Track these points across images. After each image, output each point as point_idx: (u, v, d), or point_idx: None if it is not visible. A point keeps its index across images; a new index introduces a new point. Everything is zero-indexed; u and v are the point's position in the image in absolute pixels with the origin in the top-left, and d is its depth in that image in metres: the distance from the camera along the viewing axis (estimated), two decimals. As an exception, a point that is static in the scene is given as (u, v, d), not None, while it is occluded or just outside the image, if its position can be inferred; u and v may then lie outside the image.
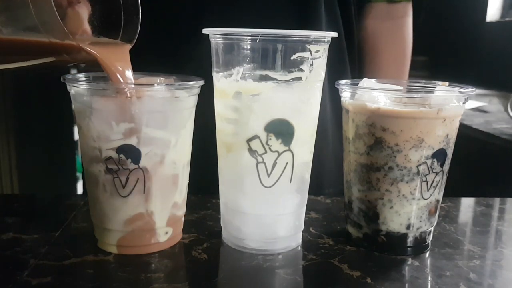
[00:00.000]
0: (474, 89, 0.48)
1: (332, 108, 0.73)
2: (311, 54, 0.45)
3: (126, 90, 0.44)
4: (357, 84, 0.52)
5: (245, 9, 0.66)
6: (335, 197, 0.66)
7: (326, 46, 0.47)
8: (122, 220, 0.47)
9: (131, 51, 0.49)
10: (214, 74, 0.49)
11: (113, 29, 0.49)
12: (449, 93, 0.49)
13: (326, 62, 0.48)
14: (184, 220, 0.53)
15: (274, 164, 0.47)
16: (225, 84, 0.47)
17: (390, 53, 0.82)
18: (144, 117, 0.45)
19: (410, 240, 0.50)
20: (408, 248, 0.50)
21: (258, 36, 0.44)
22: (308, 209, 0.56)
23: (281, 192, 0.48)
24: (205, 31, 0.47)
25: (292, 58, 0.45)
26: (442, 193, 0.51)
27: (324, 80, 0.49)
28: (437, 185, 0.49)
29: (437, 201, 0.50)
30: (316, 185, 0.60)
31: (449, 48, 2.33)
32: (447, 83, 0.52)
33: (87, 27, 0.48)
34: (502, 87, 1.82)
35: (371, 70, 0.82)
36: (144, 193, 0.47)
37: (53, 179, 2.00)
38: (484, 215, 0.63)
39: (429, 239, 0.51)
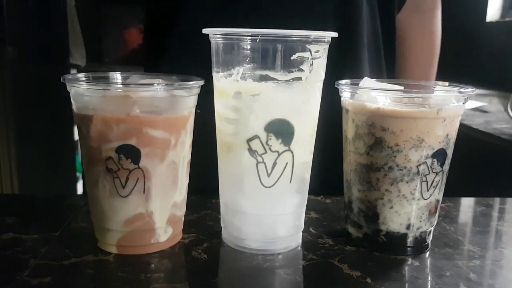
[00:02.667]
0: (474, 89, 0.48)
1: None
2: (311, 54, 0.45)
3: (126, 90, 0.44)
4: (357, 84, 0.52)
5: (274, 5, 0.65)
6: (335, 197, 0.66)
7: (326, 46, 0.47)
8: (122, 220, 0.47)
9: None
10: (214, 74, 0.49)
11: None
12: (449, 93, 0.49)
13: (326, 62, 0.48)
14: (184, 220, 0.53)
15: (274, 164, 0.47)
16: (225, 84, 0.47)
17: (419, 46, 0.82)
18: (144, 117, 0.45)
19: (410, 240, 0.50)
20: (408, 248, 0.50)
21: (258, 36, 0.44)
22: (308, 209, 0.56)
23: (281, 192, 0.48)
24: (205, 31, 0.47)
25: (292, 58, 0.45)
26: (442, 193, 0.51)
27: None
28: (437, 185, 0.49)
29: (437, 201, 0.50)
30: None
31: (449, 48, 2.32)
32: (447, 83, 0.52)
33: None
34: (502, 87, 1.82)
35: (399, 66, 0.81)
36: (144, 193, 0.47)
37: (53, 179, 2.00)
38: (484, 215, 0.63)
39: (429, 239, 0.51)
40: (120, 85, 0.46)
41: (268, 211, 0.49)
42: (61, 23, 1.85)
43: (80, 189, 2.15)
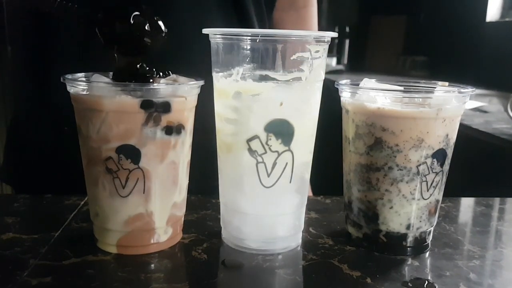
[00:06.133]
0: (474, 89, 0.48)
1: None
2: (311, 54, 0.45)
3: (125, 90, 0.44)
4: (357, 84, 0.52)
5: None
6: (335, 197, 0.66)
7: (326, 46, 0.47)
8: (122, 220, 0.47)
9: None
10: (214, 74, 0.48)
11: None
12: (449, 93, 0.49)
13: (325, 62, 0.48)
14: (184, 220, 0.53)
15: (274, 164, 0.47)
16: (225, 84, 0.47)
17: None
18: (144, 117, 0.45)
19: (410, 240, 0.50)
20: (408, 248, 0.50)
21: (258, 36, 0.44)
22: (308, 209, 0.56)
23: (281, 192, 0.48)
24: (205, 31, 0.47)
25: (292, 58, 0.45)
26: (442, 193, 0.51)
27: None
28: (437, 185, 0.49)
29: (437, 201, 0.50)
30: None
31: (449, 48, 2.33)
32: (447, 83, 0.52)
33: None
34: (502, 87, 1.82)
35: None
36: (143, 193, 0.46)
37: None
38: (484, 215, 0.63)
39: (429, 239, 0.51)
40: (120, 85, 0.46)
41: (268, 211, 0.49)
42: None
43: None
